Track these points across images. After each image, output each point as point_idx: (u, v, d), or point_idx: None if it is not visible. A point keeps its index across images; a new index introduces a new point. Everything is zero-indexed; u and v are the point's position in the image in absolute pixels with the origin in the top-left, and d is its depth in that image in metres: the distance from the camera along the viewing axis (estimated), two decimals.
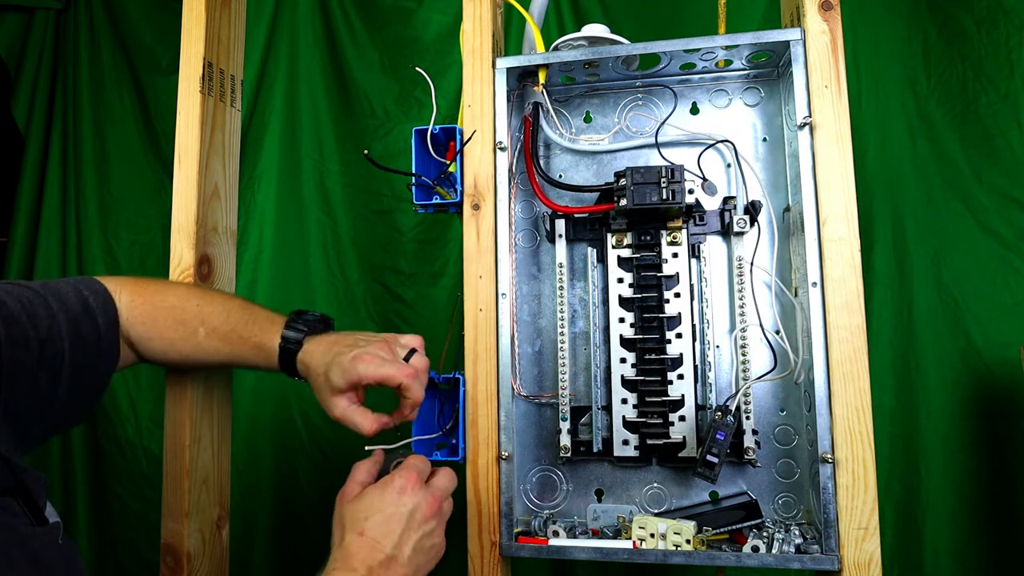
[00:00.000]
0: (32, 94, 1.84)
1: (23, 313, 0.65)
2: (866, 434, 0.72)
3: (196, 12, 0.90)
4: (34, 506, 0.56)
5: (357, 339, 0.73)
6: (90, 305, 0.72)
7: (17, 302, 0.65)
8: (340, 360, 0.70)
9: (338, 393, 0.70)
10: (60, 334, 0.67)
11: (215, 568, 0.89)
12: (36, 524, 0.55)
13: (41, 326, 0.66)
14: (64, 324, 0.68)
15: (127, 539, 1.72)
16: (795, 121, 0.78)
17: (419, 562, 0.64)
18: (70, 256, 1.79)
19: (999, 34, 1.34)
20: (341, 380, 0.69)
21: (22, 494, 0.55)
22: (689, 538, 0.75)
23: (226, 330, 0.76)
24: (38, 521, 0.56)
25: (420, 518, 0.64)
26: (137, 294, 0.77)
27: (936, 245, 1.37)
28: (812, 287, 0.75)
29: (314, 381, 0.73)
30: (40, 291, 0.69)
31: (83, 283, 0.74)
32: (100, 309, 0.73)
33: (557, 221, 0.86)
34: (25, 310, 0.65)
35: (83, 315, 0.71)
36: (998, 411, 1.33)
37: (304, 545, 1.62)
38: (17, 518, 0.54)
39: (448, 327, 0.87)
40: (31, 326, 0.65)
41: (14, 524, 0.53)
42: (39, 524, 0.55)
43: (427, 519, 0.64)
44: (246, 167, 1.64)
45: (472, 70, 0.85)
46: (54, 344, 0.66)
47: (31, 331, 0.64)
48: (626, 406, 0.83)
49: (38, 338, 0.65)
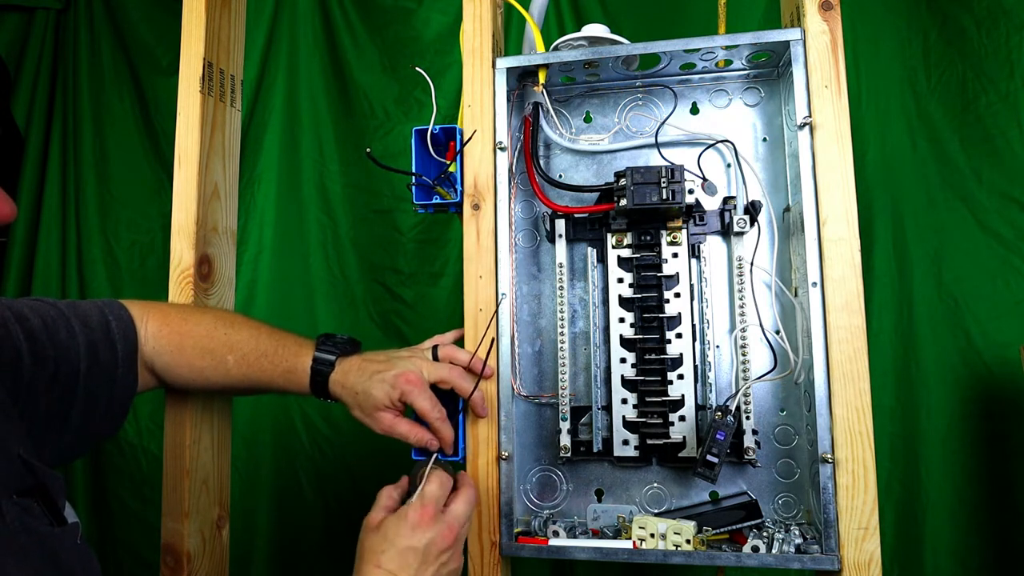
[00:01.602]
0: (32, 94, 1.84)
1: (44, 331, 0.66)
2: (866, 434, 0.72)
3: (196, 12, 0.90)
4: (53, 507, 0.57)
5: (390, 356, 0.78)
6: (112, 330, 0.73)
7: (40, 319, 0.66)
8: (384, 376, 0.74)
9: (382, 409, 0.74)
10: (77, 356, 0.68)
11: (215, 568, 0.89)
12: (55, 525, 0.56)
13: (60, 346, 0.67)
14: (83, 347, 0.69)
15: (127, 539, 1.72)
16: (795, 121, 0.78)
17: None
18: (70, 256, 1.79)
19: (999, 34, 1.34)
20: (386, 397, 0.73)
21: (42, 495, 0.56)
22: (689, 538, 0.75)
23: (255, 357, 0.78)
24: (57, 522, 0.56)
25: (436, 551, 0.65)
26: (164, 324, 0.77)
27: (936, 245, 1.37)
28: (812, 287, 0.75)
29: (351, 399, 0.75)
30: (65, 311, 0.70)
31: (108, 306, 0.75)
32: (121, 335, 0.73)
33: (557, 221, 0.86)
34: (47, 328, 0.67)
35: (103, 340, 0.71)
36: (998, 411, 1.32)
37: (304, 545, 1.62)
38: (37, 519, 0.54)
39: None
40: (51, 345, 0.66)
41: (34, 525, 0.53)
42: (58, 525, 0.56)
43: (443, 551, 0.65)
44: (246, 167, 1.64)
45: (472, 70, 0.85)
46: (70, 365, 0.67)
47: (50, 350, 0.66)
48: (626, 406, 0.83)
49: (55, 358, 0.66)
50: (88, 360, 0.69)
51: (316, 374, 0.76)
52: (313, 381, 0.77)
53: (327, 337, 0.79)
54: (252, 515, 1.62)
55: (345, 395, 0.76)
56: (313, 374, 0.76)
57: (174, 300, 0.87)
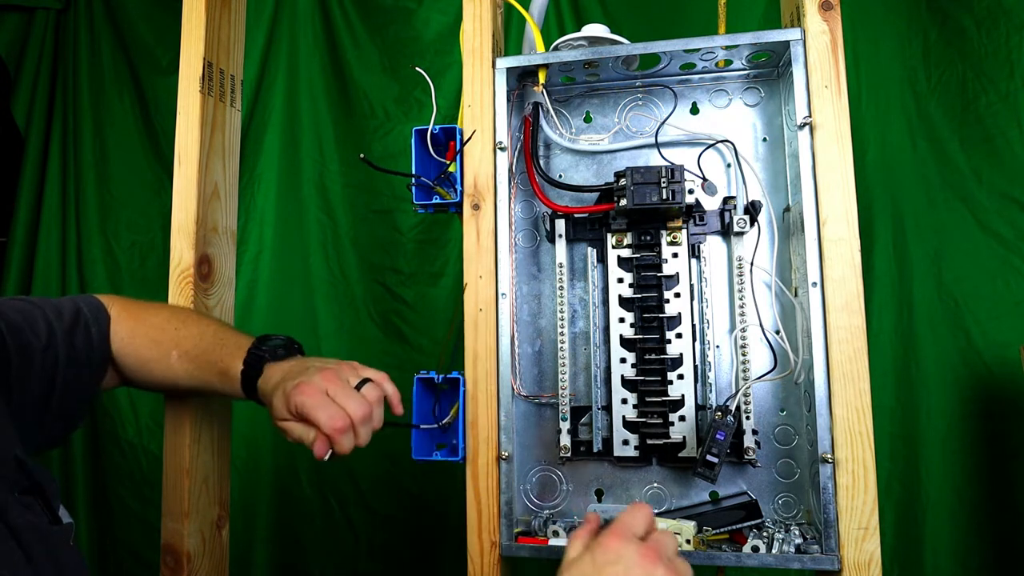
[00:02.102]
0: (32, 94, 1.84)
1: (25, 323, 0.67)
2: (866, 434, 0.72)
3: (196, 12, 0.90)
4: (50, 506, 0.57)
5: (309, 366, 0.70)
6: (84, 315, 0.74)
7: (18, 313, 0.68)
8: (285, 387, 0.67)
9: (284, 421, 0.68)
10: (56, 343, 0.69)
11: (215, 568, 0.89)
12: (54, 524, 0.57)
13: (41, 335, 0.68)
14: (60, 335, 0.70)
15: (127, 539, 1.72)
16: (795, 121, 0.78)
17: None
18: (70, 256, 1.79)
19: (999, 34, 1.34)
20: (283, 408, 0.67)
21: (40, 494, 0.57)
22: (689, 538, 0.75)
23: (196, 353, 0.76)
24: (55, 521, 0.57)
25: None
26: (124, 309, 0.78)
27: (936, 245, 1.37)
28: (812, 287, 0.75)
29: (269, 409, 0.70)
30: (39, 304, 0.71)
31: (80, 298, 0.76)
32: (93, 319, 0.74)
33: (557, 221, 0.86)
34: (26, 320, 0.68)
35: (76, 325, 0.73)
36: (998, 411, 1.33)
37: (304, 545, 1.62)
38: (39, 517, 0.55)
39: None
40: (33, 335, 0.67)
41: (37, 523, 0.54)
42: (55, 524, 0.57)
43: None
44: (246, 167, 1.65)
45: (472, 70, 0.85)
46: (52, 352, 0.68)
47: (34, 340, 0.67)
48: (626, 406, 0.83)
49: (37, 348, 0.67)
50: (66, 347, 0.70)
51: (244, 378, 0.72)
52: (243, 384, 0.73)
53: (261, 339, 0.75)
54: (252, 515, 1.62)
55: (266, 403, 0.71)
56: (243, 378, 0.72)
57: (174, 300, 0.87)
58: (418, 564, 1.58)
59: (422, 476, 1.56)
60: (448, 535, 1.54)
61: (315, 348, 1.63)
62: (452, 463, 0.81)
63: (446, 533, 1.54)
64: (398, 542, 1.59)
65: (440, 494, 1.55)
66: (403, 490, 1.58)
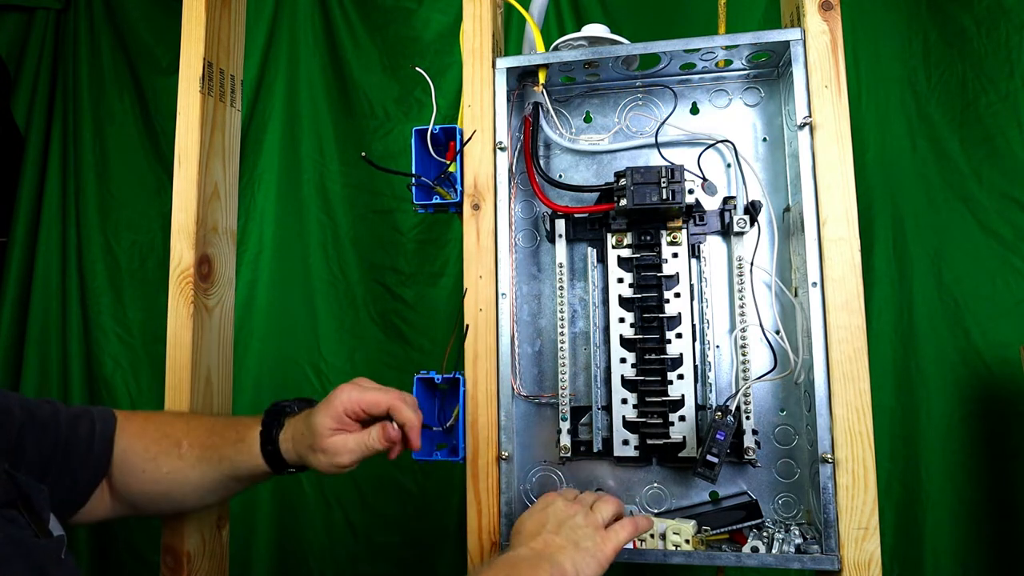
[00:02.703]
0: (32, 94, 1.84)
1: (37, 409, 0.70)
2: (866, 434, 0.72)
3: (196, 12, 0.90)
4: (38, 519, 0.56)
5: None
6: (91, 412, 0.75)
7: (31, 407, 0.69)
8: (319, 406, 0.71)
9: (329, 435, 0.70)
10: (60, 422, 0.70)
11: (215, 568, 0.89)
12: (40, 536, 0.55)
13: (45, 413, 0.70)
14: (63, 421, 0.71)
15: (127, 539, 1.71)
16: (795, 121, 0.78)
17: None
18: (70, 256, 1.79)
19: (999, 34, 1.34)
20: (328, 419, 0.69)
21: (26, 506, 0.56)
22: (689, 538, 0.75)
23: (206, 435, 0.77)
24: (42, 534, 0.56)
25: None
26: (135, 414, 0.79)
27: (936, 245, 1.37)
28: (812, 287, 0.75)
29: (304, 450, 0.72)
30: (52, 402, 0.73)
31: (94, 408, 0.77)
32: (99, 416, 0.75)
33: (557, 221, 0.86)
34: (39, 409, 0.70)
35: (83, 415, 0.73)
36: (998, 411, 1.33)
37: (304, 545, 1.62)
38: (22, 530, 0.54)
39: (448, 326, 0.87)
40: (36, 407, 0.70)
41: (19, 536, 0.53)
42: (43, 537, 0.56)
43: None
44: (246, 167, 1.64)
45: (472, 70, 0.85)
46: (53, 428, 0.70)
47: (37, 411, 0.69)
48: (626, 406, 0.83)
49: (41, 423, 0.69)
50: (67, 430, 0.71)
51: (265, 440, 0.74)
52: (263, 447, 0.74)
53: (275, 403, 0.78)
54: (252, 515, 1.62)
55: (298, 447, 0.73)
56: (263, 440, 0.74)
57: (174, 300, 0.87)
58: (418, 564, 1.58)
59: (422, 476, 1.56)
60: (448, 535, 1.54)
61: (315, 348, 1.63)
62: (452, 463, 0.81)
63: (446, 533, 1.54)
64: (398, 542, 1.59)
65: (440, 494, 1.55)
66: (403, 490, 1.57)
